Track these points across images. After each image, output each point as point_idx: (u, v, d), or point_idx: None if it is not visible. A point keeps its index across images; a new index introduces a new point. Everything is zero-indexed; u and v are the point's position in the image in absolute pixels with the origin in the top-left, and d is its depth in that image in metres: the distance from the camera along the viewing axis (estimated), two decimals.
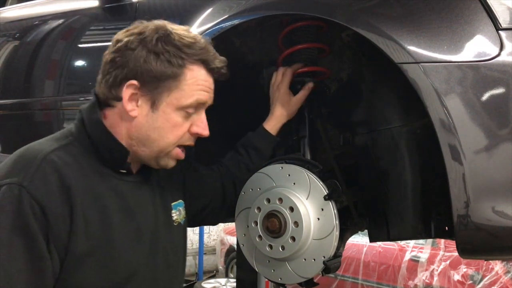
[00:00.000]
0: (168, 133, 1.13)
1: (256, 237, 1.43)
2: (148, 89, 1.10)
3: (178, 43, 1.10)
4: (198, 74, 1.12)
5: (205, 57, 1.13)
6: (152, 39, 1.09)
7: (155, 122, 1.11)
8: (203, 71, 1.13)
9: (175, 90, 1.10)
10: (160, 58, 1.08)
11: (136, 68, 1.09)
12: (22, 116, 2.08)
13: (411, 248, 4.73)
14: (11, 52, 2.16)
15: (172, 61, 1.08)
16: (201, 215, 1.46)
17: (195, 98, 1.12)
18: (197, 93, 1.12)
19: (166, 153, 1.15)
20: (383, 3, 1.25)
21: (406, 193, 1.46)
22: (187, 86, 1.11)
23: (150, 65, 1.08)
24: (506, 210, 1.10)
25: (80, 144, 1.11)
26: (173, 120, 1.12)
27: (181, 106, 1.11)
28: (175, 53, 1.09)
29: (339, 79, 1.67)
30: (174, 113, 1.11)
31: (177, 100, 1.11)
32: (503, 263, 4.13)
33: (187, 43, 1.10)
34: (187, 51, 1.10)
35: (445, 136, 1.12)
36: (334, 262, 1.37)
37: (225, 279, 6.18)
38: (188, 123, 1.15)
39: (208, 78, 1.15)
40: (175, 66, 1.09)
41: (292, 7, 1.38)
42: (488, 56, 1.11)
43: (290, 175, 1.41)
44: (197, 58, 1.12)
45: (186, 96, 1.11)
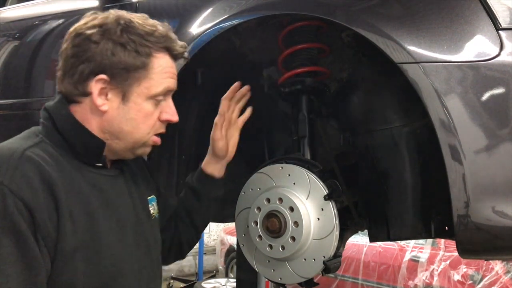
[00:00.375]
0: (141, 124, 1.12)
1: (256, 237, 1.43)
2: (118, 81, 1.08)
3: (142, 31, 1.09)
4: (164, 62, 1.12)
5: (168, 44, 1.13)
6: (116, 31, 1.07)
7: (127, 114, 1.10)
8: (168, 57, 1.13)
9: (144, 80, 1.10)
10: (127, 49, 1.07)
11: (104, 61, 1.06)
12: (22, 116, 2.08)
13: (411, 248, 4.73)
14: (11, 52, 2.16)
15: (139, 50, 1.08)
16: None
17: (164, 85, 1.12)
18: (166, 80, 1.12)
19: (143, 143, 1.15)
20: (383, 3, 1.25)
21: (406, 193, 1.47)
22: (155, 75, 1.10)
23: (118, 57, 1.06)
24: (506, 210, 1.10)
25: (51, 141, 1.08)
26: (145, 110, 1.11)
27: (151, 95, 1.11)
28: (140, 42, 1.08)
29: (339, 79, 1.66)
30: (145, 102, 1.11)
31: (148, 90, 1.10)
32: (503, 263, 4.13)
33: (149, 31, 1.10)
34: (151, 39, 1.09)
35: (445, 136, 1.12)
36: (334, 262, 1.37)
37: (225, 279, 6.18)
38: (158, 111, 1.14)
39: (173, 64, 1.15)
40: (143, 55, 1.08)
41: (292, 7, 1.38)
42: (488, 56, 1.11)
43: (290, 175, 1.41)
44: (161, 46, 1.11)
45: (156, 84, 1.11)
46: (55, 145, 1.08)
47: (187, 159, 1.72)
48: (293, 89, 1.55)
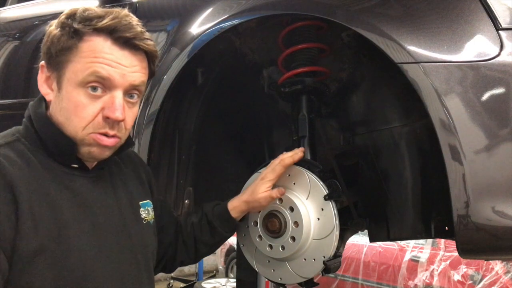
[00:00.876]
0: (73, 115, 1.03)
1: (256, 237, 1.43)
2: (52, 67, 1.05)
3: (85, 16, 1.03)
4: (97, 46, 1.02)
5: (108, 26, 1.02)
6: (61, 16, 1.05)
7: (61, 103, 1.04)
8: (107, 42, 1.03)
9: (71, 64, 1.03)
10: (63, 32, 1.03)
11: (44, 47, 1.05)
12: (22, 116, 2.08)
13: (411, 248, 4.73)
14: (11, 52, 2.16)
15: (69, 33, 1.02)
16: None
17: (91, 70, 1.01)
18: (94, 65, 1.01)
19: (80, 140, 1.05)
20: (383, 3, 1.25)
21: (406, 193, 1.47)
22: (82, 59, 1.02)
23: (53, 41, 1.03)
24: (506, 210, 1.10)
25: (28, 141, 1.06)
26: (75, 99, 1.02)
27: (79, 81, 1.02)
28: (77, 26, 1.02)
29: (339, 79, 1.66)
30: (75, 90, 1.02)
31: (75, 74, 1.02)
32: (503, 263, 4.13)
33: (92, 16, 1.03)
34: (88, 23, 1.02)
35: (445, 136, 1.12)
36: (334, 262, 1.37)
37: (225, 279, 6.18)
38: (97, 105, 1.03)
39: (113, 51, 1.03)
40: (72, 37, 1.02)
41: (292, 7, 1.38)
42: (488, 56, 1.11)
43: (290, 175, 1.41)
44: (97, 28, 1.02)
45: (82, 69, 1.02)
46: (31, 145, 1.05)
47: (187, 159, 1.72)
48: (293, 89, 1.55)
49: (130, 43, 1.04)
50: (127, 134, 1.13)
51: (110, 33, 1.03)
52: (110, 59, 1.02)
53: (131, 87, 1.06)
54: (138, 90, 1.09)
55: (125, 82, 1.04)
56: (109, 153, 1.10)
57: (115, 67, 1.03)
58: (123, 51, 1.04)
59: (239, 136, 1.92)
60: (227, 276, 6.68)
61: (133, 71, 1.06)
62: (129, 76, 1.05)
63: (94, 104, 1.03)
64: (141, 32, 1.06)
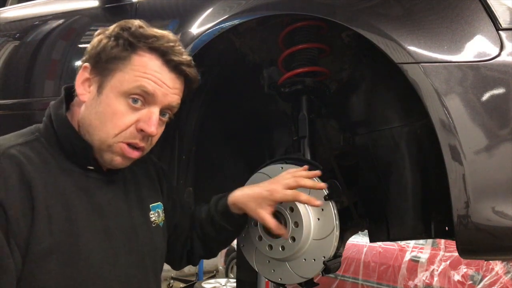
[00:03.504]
0: (108, 121, 1.07)
1: (256, 237, 1.43)
2: (97, 71, 1.08)
3: (137, 32, 1.08)
4: (149, 62, 1.08)
5: (163, 47, 1.08)
6: (114, 27, 1.10)
7: (98, 106, 1.08)
8: (158, 62, 1.09)
9: (119, 73, 1.07)
10: (117, 42, 1.07)
11: (92, 51, 1.09)
12: (22, 116, 2.08)
13: (411, 249, 4.73)
14: (11, 52, 2.16)
15: (124, 44, 1.07)
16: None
17: (138, 83, 1.06)
18: (142, 80, 1.06)
19: (107, 146, 1.08)
20: (383, 3, 1.25)
21: (406, 193, 1.47)
22: (132, 71, 1.07)
23: (104, 47, 1.07)
24: (506, 210, 1.10)
25: (47, 140, 1.08)
26: (114, 106, 1.06)
27: (123, 91, 1.06)
28: (129, 38, 1.07)
29: (340, 79, 1.66)
30: (117, 99, 1.06)
31: (120, 83, 1.06)
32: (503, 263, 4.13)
33: (146, 34, 1.08)
34: (144, 40, 1.07)
35: (445, 136, 1.11)
36: (334, 262, 1.37)
37: (225, 279, 6.18)
38: (133, 116, 1.08)
39: (162, 71, 1.09)
40: (126, 49, 1.07)
41: (292, 7, 1.38)
42: (488, 56, 1.11)
43: None
44: (152, 46, 1.08)
45: (129, 80, 1.06)
46: (49, 145, 1.08)
47: (187, 159, 1.72)
48: (293, 89, 1.55)
49: (178, 68, 1.11)
50: (150, 148, 1.18)
51: (163, 54, 1.09)
52: (158, 78, 1.08)
53: (167, 107, 1.13)
54: (172, 110, 1.16)
55: (165, 100, 1.10)
56: (128, 163, 1.15)
57: (160, 85, 1.08)
58: (171, 74, 1.10)
59: (239, 136, 1.92)
60: (227, 276, 6.68)
61: (174, 93, 1.12)
62: (169, 97, 1.11)
63: (131, 115, 1.08)
64: (189, 60, 1.14)
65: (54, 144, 1.08)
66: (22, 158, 1.00)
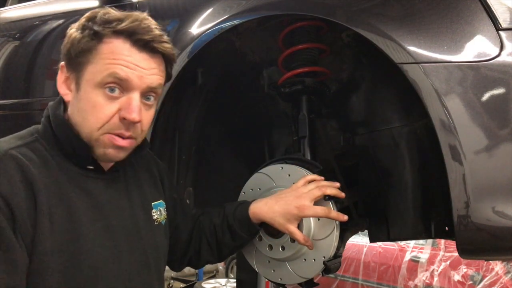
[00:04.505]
0: (90, 115, 1.05)
1: (256, 238, 1.43)
2: (72, 68, 1.06)
3: (105, 19, 1.04)
4: (116, 47, 1.03)
5: (127, 28, 1.03)
6: (81, 19, 1.07)
7: (79, 103, 1.06)
8: (126, 44, 1.04)
9: (90, 65, 1.04)
10: (83, 34, 1.04)
11: (63, 49, 1.07)
12: (22, 116, 2.08)
13: (411, 249, 4.73)
14: (11, 52, 2.16)
15: (89, 34, 1.04)
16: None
17: (109, 71, 1.02)
18: (113, 66, 1.03)
19: (95, 141, 1.06)
20: (383, 3, 1.25)
21: (406, 193, 1.47)
22: (101, 60, 1.03)
23: (73, 42, 1.05)
24: (506, 210, 1.10)
25: (46, 141, 1.08)
26: (93, 100, 1.04)
27: (97, 82, 1.03)
28: (93, 27, 1.04)
29: (340, 79, 1.66)
30: (94, 91, 1.04)
31: (93, 75, 1.03)
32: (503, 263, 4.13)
33: (110, 19, 1.04)
34: (108, 25, 1.04)
35: (445, 137, 1.11)
36: (334, 263, 1.37)
37: (225, 279, 6.17)
38: (114, 106, 1.04)
39: (132, 53, 1.04)
40: (92, 39, 1.03)
41: (292, 7, 1.38)
42: (488, 56, 1.11)
43: (290, 175, 1.41)
44: (116, 30, 1.03)
45: (101, 70, 1.03)
46: (48, 146, 1.07)
47: (187, 159, 1.72)
48: (293, 89, 1.55)
49: (148, 45, 1.05)
50: (143, 136, 1.14)
51: (129, 35, 1.04)
52: (129, 61, 1.04)
53: (148, 89, 1.08)
54: (155, 92, 1.10)
55: (142, 84, 1.06)
56: (124, 154, 1.11)
57: (133, 69, 1.04)
58: (142, 53, 1.05)
59: (239, 136, 1.92)
60: (227, 276, 6.68)
61: (151, 74, 1.07)
62: (146, 78, 1.06)
63: (111, 105, 1.05)
64: (159, 35, 1.07)
65: (53, 145, 1.08)
66: (23, 159, 1.00)
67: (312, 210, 1.28)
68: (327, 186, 1.31)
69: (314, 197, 1.29)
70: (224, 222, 1.37)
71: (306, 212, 1.28)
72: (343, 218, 1.29)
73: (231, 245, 1.40)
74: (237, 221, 1.35)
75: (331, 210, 1.29)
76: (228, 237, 1.37)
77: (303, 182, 1.33)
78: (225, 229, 1.37)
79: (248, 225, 1.35)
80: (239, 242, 1.40)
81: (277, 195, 1.34)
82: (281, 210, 1.29)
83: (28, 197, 0.98)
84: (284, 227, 1.30)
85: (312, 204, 1.29)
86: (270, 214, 1.31)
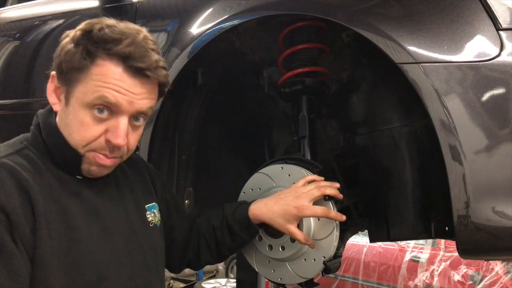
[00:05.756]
0: (75, 132, 1.04)
1: (256, 238, 1.43)
2: (63, 80, 1.05)
3: (96, 36, 1.01)
4: (108, 71, 1.01)
5: (122, 53, 1.01)
6: (77, 30, 1.04)
7: (66, 118, 1.05)
8: (119, 68, 1.02)
9: (81, 84, 1.02)
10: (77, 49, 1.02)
11: (56, 59, 1.06)
12: (22, 116, 2.08)
13: (411, 249, 4.73)
14: (11, 52, 2.16)
15: (82, 53, 1.01)
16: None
17: (98, 94, 1.01)
18: (103, 90, 1.01)
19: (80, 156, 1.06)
20: (383, 3, 1.25)
21: (406, 193, 1.47)
22: (92, 81, 1.01)
23: (66, 55, 1.03)
24: (506, 210, 1.10)
25: (36, 149, 1.07)
26: (80, 118, 1.03)
27: (86, 102, 1.02)
28: (87, 45, 1.01)
29: (340, 79, 1.66)
30: (82, 110, 1.03)
31: (83, 95, 1.02)
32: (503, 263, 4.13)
33: (106, 38, 1.01)
34: (103, 46, 1.01)
35: (445, 137, 1.11)
36: (334, 262, 1.37)
37: (225, 280, 6.17)
38: (100, 127, 1.04)
39: (123, 78, 1.02)
40: (88, 59, 1.01)
41: (292, 7, 1.38)
42: (489, 57, 1.11)
43: (290, 175, 1.41)
44: (111, 53, 1.01)
45: (91, 91, 1.01)
46: (38, 153, 1.06)
47: (187, 159, 1.72)
48: (293, 89, 1.55)
49: (142, 73, 1.03)
50: (129, 154, 1.13)
51: (123, 60, 1.02)
52: (120, 86, 1.02)
53: (137, 113, 1.07)
54: (145, 114, 1.10)
55: (132, 108, 1.04)
56: (108, 171, 1.11)
57: (123, 94, 1.02)
58: (134, 79, 1.03)
59: (239, 136, 1.92)
60: (227, 277, 6.68)
61: (142, 98, 1.05)
62: (136, 104, 1.05)
63: (98, 126, 1.04)
64: (155, 61, 1.05)
65: (44, 153, 1.07)
66: (15, 166, 0.99)
67: (311, 210, 1.28)
68: (326, 186, 1.32)
69: (313, 197, 1.29)
70: (224, 223, 1.37)
71: (305, 212, 1.28)
72: (342, 218, 1.29)
73: (230, 246, 1.39)
74: (236, 222, 1.35)
75: (330, 210, 1.29)
76: (228, 237, 1.37)
77: (303, 183, 1.33)
78: (225, 230, 1.37)
79: (248, 226, 1.35)
80: (238, 242, 1.40)
81: (277, 195, 1.34)
82: (280, 211, 1.30)
83: (25, 203, 0.97)
84: (284, 228, 1.30)
85: (311, 204, 1.29)
86: (269, 215, 1.31)
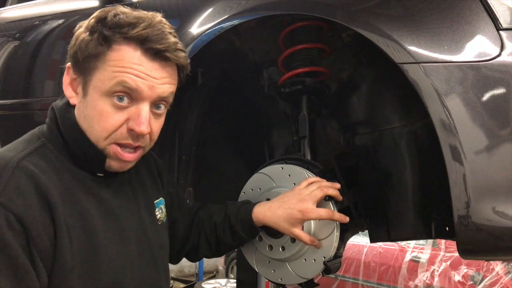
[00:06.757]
0: (96, 123, 1.00)
1: (256, 238, 1.43)
2: (79, 71, 1.01)
3: (111, 22, 0.98)
4: (126, 55, 0.97)
5: (139, 35, 0.97)
6: (91, 19, 1.01)
7: (85, 109, 1.01)
8: (137, 52, 0.98)
9: (98, 72, 0.98)
10: (93, 37, 0.98)
11: (70, 50, 1.02)
12: (22, 116, 2.08)
13: (411, 249, 4.73)
14: (11, 52, 2.16)
15: (98, 39, 0.97)
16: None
17: (118, 80, 0.97)
18: (122, 75, 0.97)
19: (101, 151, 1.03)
20: (384, 3, 1.25)
21: (406, 193, 1.46)
22: (110, 67, 0.97)
23: (81, 44, 0.99)
24: (506, 210, 1.10)
25: (53, 145, 1.03)
26: (99, 107, 0.99)
27: (105, 90, 0.98)
28: (103, 31, 0.98)
29: (340, 79, 1.66)
30: (101, 99, 0.98)
31: (101, 82, 0.98)
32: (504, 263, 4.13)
33: (121, 23, 0.97)
34: (119, 30, 0.97)
35: (445, 137, 1.11)
36: (334, 263, 1.37)
37: (225, 280, 6.18)
38: (122, 116, 1.00)
39: (142, 62, 0.98)
40: (101, 44, 0.97)
41: (292, 7, 1.38)
42: (489, 56, 1.11)
43: (291, 176, 1.41)
44: (127, 37, 0.97)
45: (109, 77, 0.97)
46: (56, 150, 1.03)
47: (187, 159, 1.72)
48: (294, 89, 1.55)
49: (161, 54, 1.00)
50: (152, 144, 1.10)
51: (141, 43, 0.98)
52: (139, 70, 0.98)
53: (158, 99, 1.03)
54: (166, 101, 1.06)
55: (153, 94, 1.01)
56: (130, 166, 1.08)
57: (144, 78, 0.99)
58: (153, 62, 1.00)
59: (239, 136, 1.92)
60: (227, 277, 6.69)
61: (162, 83, 1.02)
62: (157, 88, 1.01)
63: (119, 114, 1.00)
64: (173, 43, 1.01)
65: (62, 149, 1.03)
66: (35, 169, 0.95)
67: (315, 213, 1.28)
68: (328, 187, 1.31)
69: (317, 199, 1.29)
70: (226, 221, 1.37)
71: (310, 215, 1.28)
72: (346, 220, 1.30)
73: (230, 244, 1.40)
74: (239, 223, 1.35)
75: (334, 212, 1.29)
76: (229, 236, 1.37)
77: (305, 185, 1.33)
78: (226, 228, 1.37)
79: (250, 228, 1.35)
80: (239, 242, 1.40)
81: (280, 198, 1.33)
82: (285, 215, 1.29)
83: (44, 211, 0.93)
84: (289, 231, 1.30)
85: (315, 207, 1.28)
86: (273, 219, 1.31)
